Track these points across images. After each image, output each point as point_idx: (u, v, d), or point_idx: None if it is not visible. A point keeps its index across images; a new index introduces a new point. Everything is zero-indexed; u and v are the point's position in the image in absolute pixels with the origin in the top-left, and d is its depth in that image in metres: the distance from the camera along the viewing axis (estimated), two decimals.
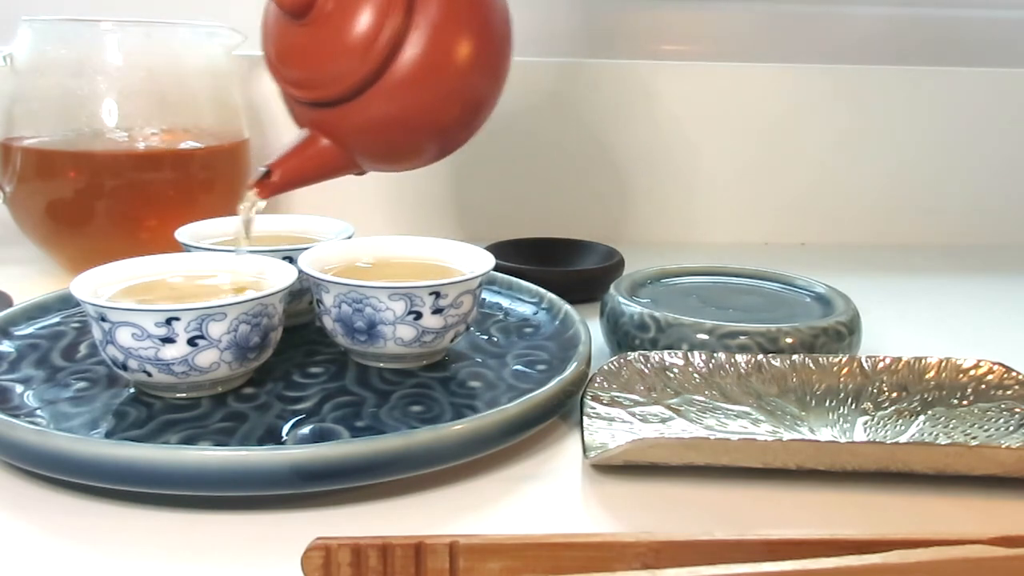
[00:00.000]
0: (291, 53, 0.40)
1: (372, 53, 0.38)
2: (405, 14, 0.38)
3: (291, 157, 0.42)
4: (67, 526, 0.32)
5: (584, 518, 0.34)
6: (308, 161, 0.42)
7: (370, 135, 0.41)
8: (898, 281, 0.69)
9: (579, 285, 0.58)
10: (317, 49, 0.39)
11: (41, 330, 0.47)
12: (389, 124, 0.41)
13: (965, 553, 0.27)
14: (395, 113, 0.40)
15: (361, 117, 0.40)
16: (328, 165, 0.42)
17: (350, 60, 0.39)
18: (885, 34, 0.82)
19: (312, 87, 0.40)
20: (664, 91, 0.78)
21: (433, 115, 0.41)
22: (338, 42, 0.39)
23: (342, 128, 0.41)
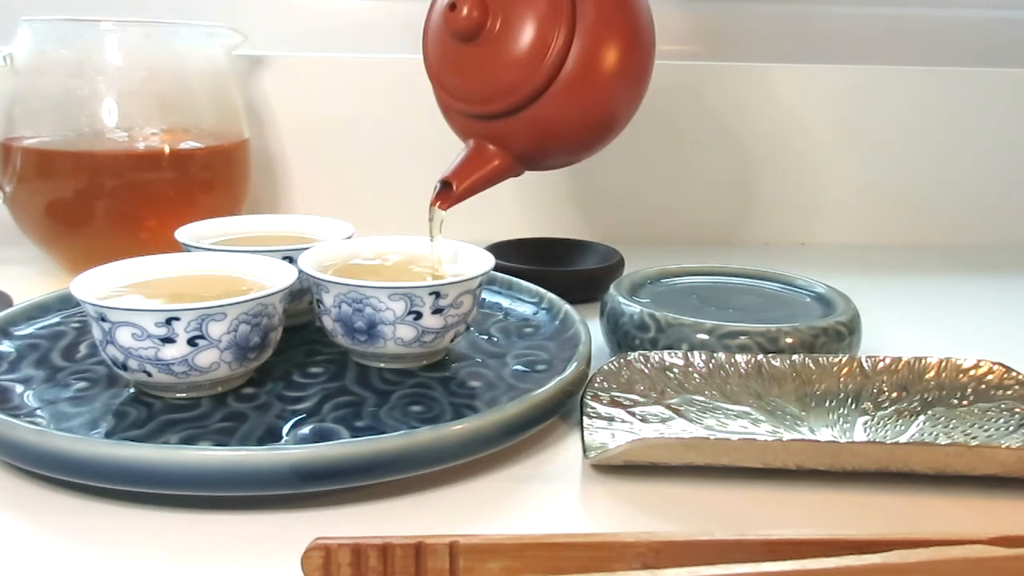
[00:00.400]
0: (461, 71, 0.43)
1: (542, 67, 0.42)
2: (569, 27, 0.41)
3: (466, 168, 0.45)
4: (67, 526, 0.32)
5: (584, 518, 0.34)
6: (481, 170, 0.45)
7: (537, 142, 0.45)
8: (898, 281, 0.69)
9: (579, 285, 0.58)
10: (488, 67, 0.43)
11: (41, 330, 0.47)
12: (555, 130, 0.44)
13: (965, 553, 0.27)
14: (561, 119, 0.44)
15: (530, 126, 0.44)
16: (497, 171, 0.45)
17: (521, 75, 0.42)
18: (885, 34, 0.82)
19: (484, 102, 0.43)
20: (664, 91, 0.78)
21: (594, 117, 0.45)
22: (509, 59, 0.42)
23: (511, 137, 0.44)
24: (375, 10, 0.78)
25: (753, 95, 0.78)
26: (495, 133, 0.44)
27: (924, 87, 0.79)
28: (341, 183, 0.77)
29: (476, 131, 0.45)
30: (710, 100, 0.78)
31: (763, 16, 0.81)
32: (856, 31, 0.82)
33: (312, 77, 0.74)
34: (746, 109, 0.78)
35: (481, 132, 0.45)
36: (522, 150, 0.45)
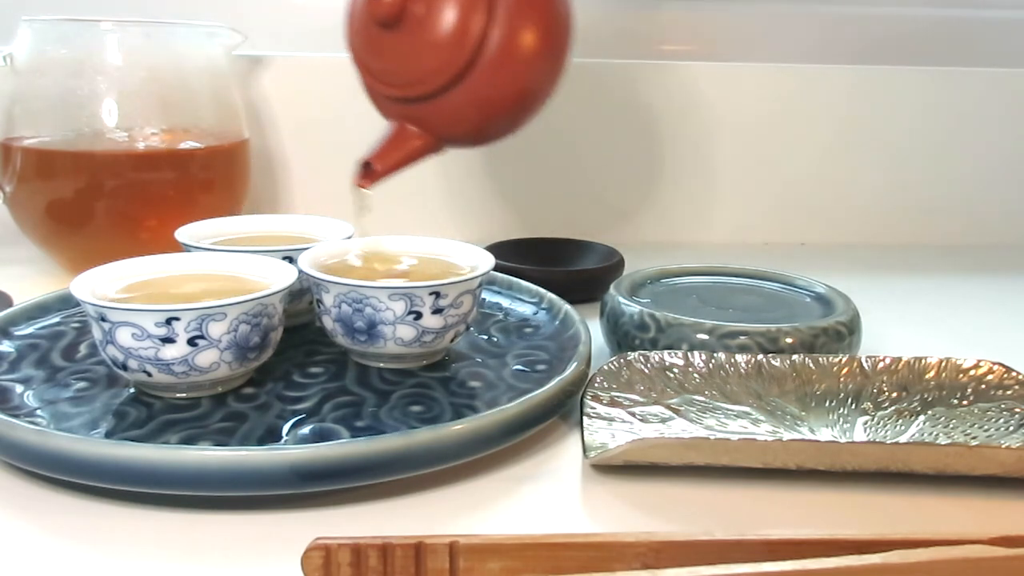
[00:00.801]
0: (384, 55, 0.45)
1: (463, 51, 0.43)
2: (488, 11, 0.43)
3: (388, 149, 0.46)
4: (67, 526, 0.32)
5: (584, 518, 0.34)
6: (402, 150, 0.47)
7: (458, 122, 0.46)
8: (898, 281, 0.69)
9: (579, 285, 0.58)
10: (411, 51, 0.44)
11: (41, 330, 0.47)
12: (475, 111, 0.45)
13: (965, 553, 0.27)
14: (481, 101, 0.45)
15: (451, 108, 0.45)
16: (419, 151, 0.47)
17: (442, 59, 0.43)
18: (885, 34, 0.82)
19: (406, 85, 0.45)
20: (664, 91, 0.78)
21: (512, 98, 0.46)
22: (430, 44, 0.43)
23: (433, 118, 0.46)
24: None
25: (753, 95, 0.78)
26: (416, 114, 0.45)
27: (924, 87, 0.79)
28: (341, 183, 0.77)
29: (398, 112, 0.46)
30: (710, 100, 0.78)
31: (762, 16, 0.81)
32: (856, 31, 0.82)
33: (312, 77, 0.74)
34: (745, 109, 0.78)
35: (403, 113, 0.46)
36: (442, 130, 0.46)
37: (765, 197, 0.80)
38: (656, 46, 0.81)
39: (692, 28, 0.81)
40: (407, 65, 0.44)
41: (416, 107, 0.45)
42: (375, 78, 0.46)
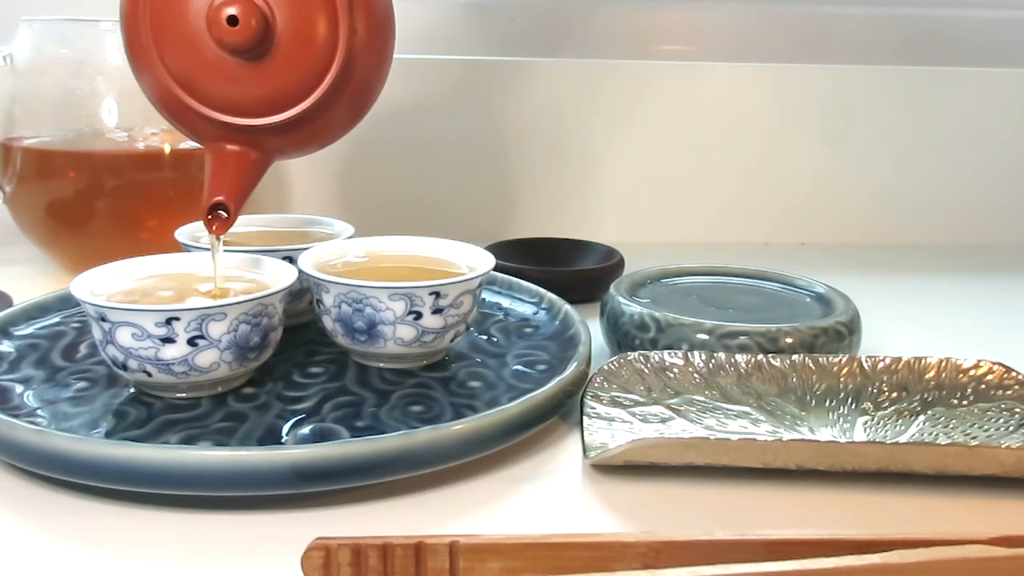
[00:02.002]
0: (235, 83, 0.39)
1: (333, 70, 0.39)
2: (348, 26, 0.39)
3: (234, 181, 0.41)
4: (67, 526, 0.32)
5: (584, 518, 0.34)
6: (249, 178, 0.41)
7: (307, 141, 0.43)
8: (898, 281, 0.69)
9: (579, 285, 0.58)
10: (274, 77, 0.39)
11: (41, 330, 0.47)
12: (333, 124, 0.42)
13: (965, 553, 0.27)
14: (342, 115, 0.42)
15: (309, 125, 0.41)
16: (260, 173, 0.42)
17: (313, 80, 0.39)
18: (884, 34, 0.82)
19: (266, 112, 0.40)
20: (664, 91, 0.78)
21: (367, 107, 0.44)
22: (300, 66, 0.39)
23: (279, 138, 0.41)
24: None
25: (752, 95, 0.78)
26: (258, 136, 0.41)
27: (924, 87, 0.79)
28: (341, 183, 0.77)
29: (222, 136, 0.41)
30: (709, 100, 0.78)
31: (762, 16, 0.81)
32: (856, 31, 0.82)
33: None
34: (746, 109, 0.78)
35: (229, 137, 0.41)
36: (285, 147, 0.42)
37: (765, 197, 0.80)
38: (656, 46, 0.81)
39: (692, 28, 0.82)
40: (268, 91, 0.39)
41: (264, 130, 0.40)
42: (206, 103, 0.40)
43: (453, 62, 0.76)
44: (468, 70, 0.76)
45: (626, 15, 0.80)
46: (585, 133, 0.78)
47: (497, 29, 0.80)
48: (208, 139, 0.41)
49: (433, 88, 0.76)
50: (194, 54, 0.39)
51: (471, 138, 0.77)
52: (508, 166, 0.78)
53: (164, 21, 0.39)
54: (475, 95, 0.76)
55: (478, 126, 0.77)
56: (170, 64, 0.39)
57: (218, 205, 0.40)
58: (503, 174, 0.78)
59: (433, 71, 0.75)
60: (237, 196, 0.40)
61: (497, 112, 0.77)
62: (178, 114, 0.41)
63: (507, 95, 0.77)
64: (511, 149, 0.78)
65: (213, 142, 0.41)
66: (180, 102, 0.40)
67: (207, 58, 0.39)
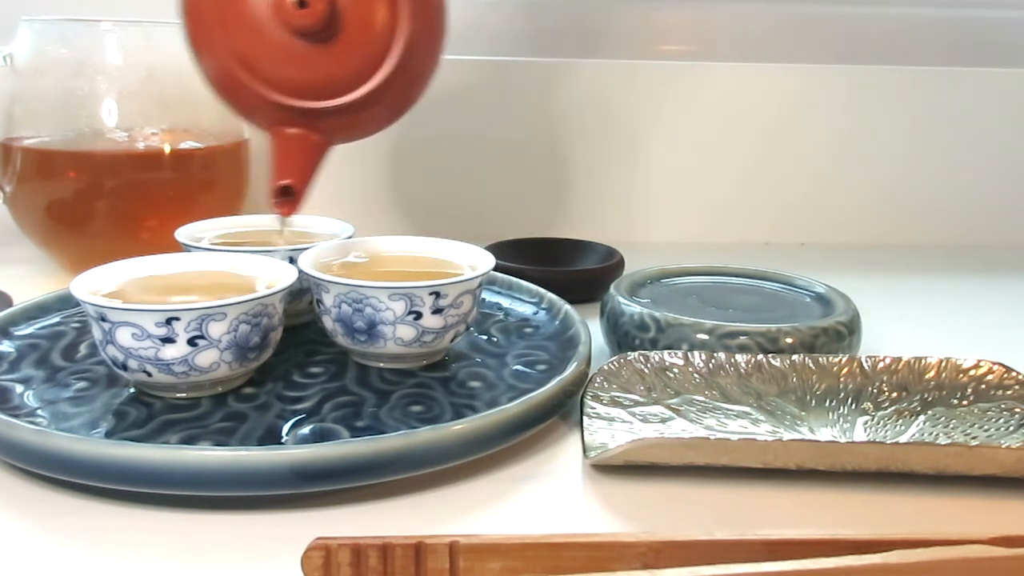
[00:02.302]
0: (302, 66, 0.40)
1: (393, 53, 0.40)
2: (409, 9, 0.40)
3: (300, 164, 0.42)
4: (67, 526, 0.32)
5: (584, 518, 0.34)
6: (312, 160, 0.43)
7: (366, 123, 0.44)
8: (898, 281, 0.69)
9: (579, 285, 0.58)
10: (339, 59, 0.40)
11: (41, 330, 0.47)
12: (388, 109, 0.44)
13: (965, 553, 0.27)
14: (398, 99, 0.43)
15: (363, 112, 0.42)
16: (322, 156, 0.43)
17: (374, 63, 0.40)
18: (885, 34, 0.82)
19: (329, 95, 0.41)
20: (664, 91, 0.78)
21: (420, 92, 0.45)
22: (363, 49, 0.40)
23: (339, 121, 0.42)
24: None
25: (752, 95, 0.78)
26: (312, 120, 0.41)
27: (924, 87, 0.79)
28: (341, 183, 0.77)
29: (283, 120, 0.42)
30: (709, 100, 0.78)
31: (762, 16, 0.81)
32: (856, 31, 0.82)
33: None
34: (746, 109, 0.78)
35: (290, 120, 0.41)
36: (344, 131, 0.44)
37: (765, 197, 0.80)
38: (656, 46, 0.81)
39: (692, 28, 0.81)
40: (331, 74, 0.40)
41: (326, 113, 0.41)
42: (279, 90, 0.41)
43: (454, 62, 0.76)
44: (469, 70, 0.76)
45: (626, 15, 0.80)
46: (585, 133, 0.78)
47: (497, 29, 0.80)
48: (269, 123, 0.42)
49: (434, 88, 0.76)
50: (259, 37, 0.39)
51: (471, 138, 0.77)
52: (508, 166, 0.78)
53: (228, 4, 0.40)
54: (476, 95, 0.76)
55: (478, 126, 0.77)
56: (234, 47, 0.40)
57: (285, 188, 0.41)
58: (503, 174, 0.78)
59: None
60: (303, 178, 0.41)
61: (497, 112, 0.77)
62: (239, 98, 0.42)
63: (507, 96, 0.77)
64: (511, 149, 0.78)
65: (274, 126, 0.42)
66: (244, 86, 0.40)
67: (272, 41, 0.39)
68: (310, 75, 0.40)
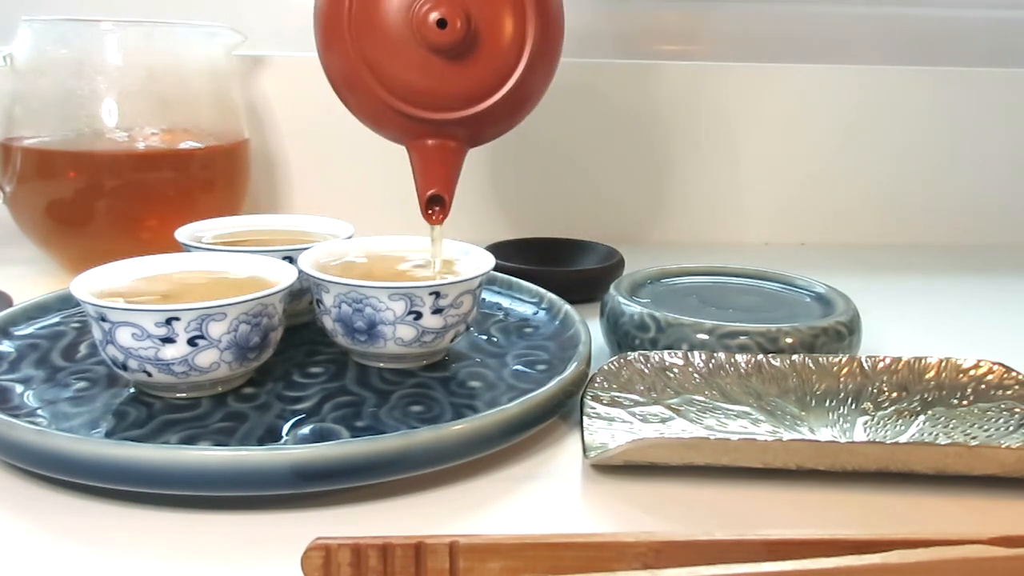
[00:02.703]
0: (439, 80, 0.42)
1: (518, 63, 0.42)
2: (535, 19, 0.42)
3: (444, 173, 0.44)
4: (67, 526, 0.32)
5: (584, 518, 0.34)
6: (454, 167, 0.45)
7: (498, 126, 0.46)
8: (898, 281, 0.69)
9: (579, 285, 0.58)
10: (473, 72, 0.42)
11: (41, 330, 0.47)
12: (514, 115, 0.46)
13: (965, 553, 0.27)
14: (519, 106, 0.45)
15: (491, 116, 0.44)
16: (461, 161, 0.45)
17: (502, 74, 0.42)
18: (885, 34, 0.82)
19: (462, 106, 0.43)
20: (664, 91, 0.78)
21: (536, 102, 0.47)
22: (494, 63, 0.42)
23: (468, 128, 0.44)
24: None
25: (753, 95, 0.78)
26: (452, 129, 0.44)
27: (924, 87, 0.79)
28: (341, 183, 0.77)
29: (418, 132, 0.44)
30: (710, 100, 0.78)
31: (763, 16, 0.81)
32: (856, 31, 0.82)
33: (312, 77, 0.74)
34: (746, 109, 0.78)
35: (428, 132, 0.44)
36: (475, 137, 0.45)
37: (765, 197, 0.80)
38: (656, 46, 0.81)
39: (692, 28, 0.82)
40: (466, 87, 0.42)
41: (462, 123, 0.44)
42: (416, 104, 0.43)
43: None
44: None
45: (626, 15, 0.80)
46: (585, 133, 0.78)
47: None
48: (405, 136, 0.44)
49: None
50: (400, 57, 0.41)
51: None
52: (508, 166, 0.78)
53: (364, 11, 0.42)
54: None
55: None
56: (379, 74, 0.42)
57: (434, 198, 0.44)
58: (503, 174, 0.78)
59: None
60: (448, 185, 0.44)
61: None
62: (382, 120, 0.44)
63: None
64: (511, 149, 0.78)
65: (412, 139, 0.44)
66: (390, 108, 0.43)
67: (412, 59, 0.41)
68: (447, 88, 0.42)
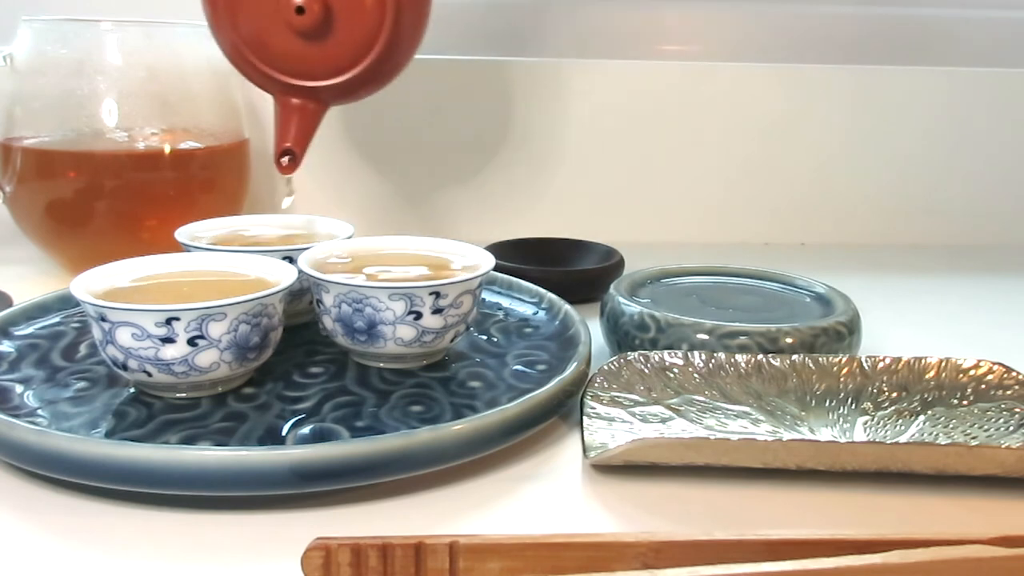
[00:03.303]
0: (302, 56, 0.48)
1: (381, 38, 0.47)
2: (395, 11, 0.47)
3: (300, 130, 0.49)
4: (67, 526, 0.32)
5: (584, 518, 0.34)
6: (310, 126, 0.50)
7: (357, 92, 0.50)
8: (898, 281, 0.69)
9: (579, 285, 0.58)
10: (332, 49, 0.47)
11: (41, 330, 0.47)
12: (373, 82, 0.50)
13: (965, 553, 0.27)
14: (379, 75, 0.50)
15: (354, 85, 0.49)
16: (318, 121, 0.50)
17: (364, 48, 0.47)
18: (885, 34, 0.82)
19: (324, 76, 0.48)
20: (664, 91, 0.78)
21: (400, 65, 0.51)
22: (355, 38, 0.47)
23: (335, 92, 0.49)
24: None
25: (752, 95, 0.78)
26: (318, 92, 0.49)
27: (925, 87, 0.79)
28: (341, 183, 0.77)
29: (287, 90, 0.49)
30: (710, 100, 0.78)
31: (762, 16, 0.81)
32: (856, 31, 0.82)
33: None
34: (745, 109, 0.78)
35: (293, 92, 0.49)
36: (337, 98, 0.50)
37: (765, 197, 0.80)
38: (656, 46, 0.81)
39: (692, 28, 0.82)
40: (326, 60, 0.47)
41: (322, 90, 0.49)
42: (286, 73, 0.48)
43: (454, 62, 0.76)
44: (469, 70, 0.76)
45: (627, 15, 0.80)
46: (586, 133, 0.78)
47: (499, 29, 0.80)
48: (275, 92, 0.50)
49: (435, 88, 0.76)
50: (266, 28, 0.47)
51: (472, 138, 0.77)
52: (508, 166, 0.78)
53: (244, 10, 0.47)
54: (476, 95, 0.76)
55: (479, 126, 0.77)
56: (244, 34, 0.48)
57: (286, 151, 0.49)
58: (503, 174, 0.78)
59: (435, 71, 0.75)
60: (302, 142, 0.49)
61: (498, 112, 0.77)
62: (250, 73, 0.49)
63: (508, 95, 0.77)
64: (512, 149, 0.78)
65: (280, 95, 0.49)
66: (253, 64, 0.48)
67: (277, 31, 0.47)
68: (309, 60, 0.48)
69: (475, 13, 0.79)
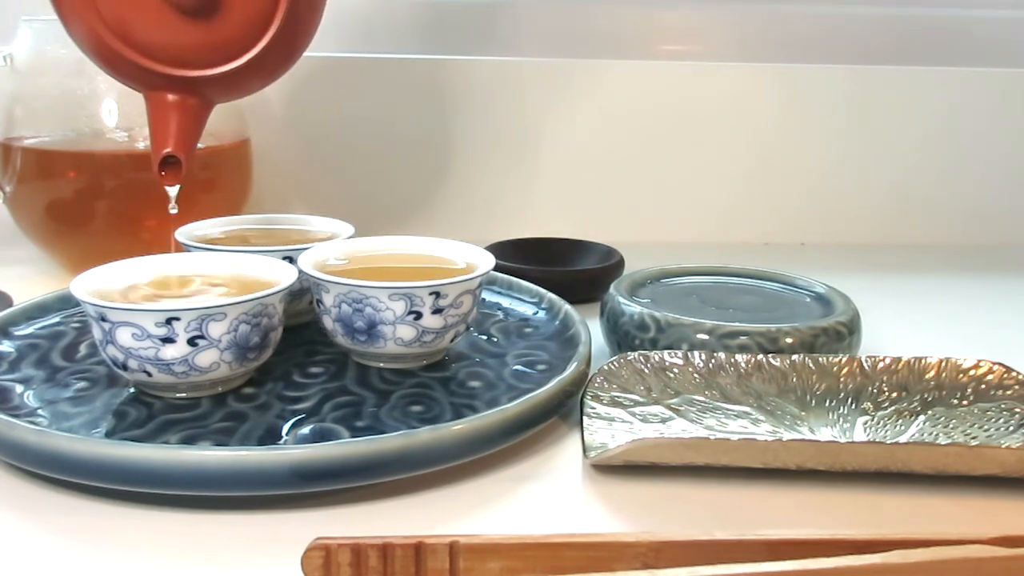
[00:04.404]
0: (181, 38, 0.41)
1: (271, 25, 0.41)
2: None
3: (182, 131, 0.42)
4: (67, 526, 0.32)
5: (584, 518, 0.34)
6: (195, 126, 0.43)
7: (244, 86, 0.45)
8: (898, 281, 0.69)
9: (579, 285, 0.58)
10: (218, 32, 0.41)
11: (41, 330, 0.47)
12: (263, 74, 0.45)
13: (965, 553, 0.27)
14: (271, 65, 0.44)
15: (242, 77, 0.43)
16: (204, 120, 0.44)
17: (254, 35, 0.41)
18: (885, 34, 0.82)
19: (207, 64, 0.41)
20: (664, 91, 0.78)
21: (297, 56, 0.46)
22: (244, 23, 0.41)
23: (218, 85, 0.42)
24: (375, 10, 0.78)
25: (752, 95, 0.78)
26: (190, 86, 0.42)
27: (925, 87, 0.79)
28: (341, 183, 0.77)
29: (160, 85, 0.42)
30: (710, 100, 0.78)
31: (762, 16, 0.81)
32: (856, 31, 0.82)
33: (312, 77, 0.74)
34: (746, 109, 0.78)
35: (168, 86, 0.41)
36: (222, 94, 0.44)
37: (765, 197, 0.80)
38: (656, 46, 0.81)
39: (692, 28, 0.81)
40: (210, 44, 0.41)
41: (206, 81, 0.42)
42: (161, 61, 0.41)
43: (454, 62, 0.76)
44: (471, 71, 0.76)
45: (626, 15, 0.80)
46: (586, 133, 0.78)
47: (499, 29, 0.80)
48: (146, 88, 0.42)
49: (434, 88, 0.76)
50: (135, 5, 0.39)
51: (472, 138, 0.77)
52: (508, 166, 0.78)
53: None
54: (477, 95, 0.76)
55: (479, 126, 0.77)
56: (105, 12, 0.39)
57: (167, 158, 0.41)
58: (503, 174, 0.78)
59: (433, 71, 0.75)
60: (185, 145, 0.42)
61: (499, 112, 0.77)
62: (113, 64, 0.41)
63: (509, 95, 0.77)
64: (512, 149, 0.78)
65: (154, 90, 0.42)
66: (116, 53, 0.40)
67: (149, 9, 0.39)
68: (188, 44, 0.40)
69: (476, 13, 0.79)
